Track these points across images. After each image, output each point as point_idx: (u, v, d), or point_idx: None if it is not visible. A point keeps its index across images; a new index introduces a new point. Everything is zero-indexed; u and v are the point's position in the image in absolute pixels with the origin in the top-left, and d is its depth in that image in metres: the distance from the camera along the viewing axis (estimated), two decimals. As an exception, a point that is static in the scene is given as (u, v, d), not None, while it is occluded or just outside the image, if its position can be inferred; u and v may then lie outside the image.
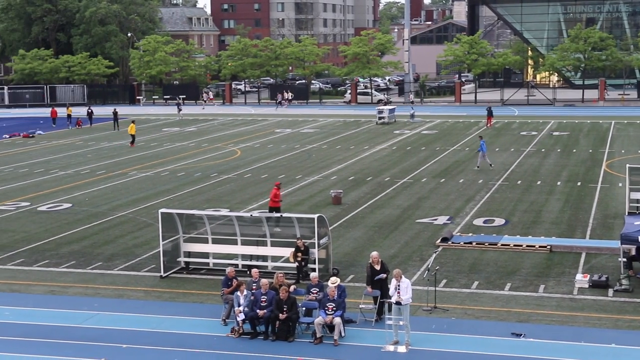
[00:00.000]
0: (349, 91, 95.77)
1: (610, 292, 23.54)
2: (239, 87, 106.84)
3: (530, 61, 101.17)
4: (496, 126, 65.73)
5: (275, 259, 26.45)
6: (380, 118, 70.50)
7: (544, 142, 55.70)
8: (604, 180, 41.01)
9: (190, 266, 26.79)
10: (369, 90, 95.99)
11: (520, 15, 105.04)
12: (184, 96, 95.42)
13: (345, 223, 32.87)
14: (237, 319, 20.81)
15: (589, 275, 24.39)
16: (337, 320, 20.22)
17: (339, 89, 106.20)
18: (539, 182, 40.87)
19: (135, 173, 46.18)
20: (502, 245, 28.61)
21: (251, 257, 26.63)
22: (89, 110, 74.38)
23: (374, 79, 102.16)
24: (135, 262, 27.85)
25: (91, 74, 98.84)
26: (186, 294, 24.39)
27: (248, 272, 23.70)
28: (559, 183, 40.66)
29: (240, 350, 19.96)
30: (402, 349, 19.67)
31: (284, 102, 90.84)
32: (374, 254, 22.15)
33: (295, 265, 25.25)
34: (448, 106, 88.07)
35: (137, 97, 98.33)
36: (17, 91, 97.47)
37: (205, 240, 26.78)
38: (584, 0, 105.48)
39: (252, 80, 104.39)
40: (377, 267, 21.80)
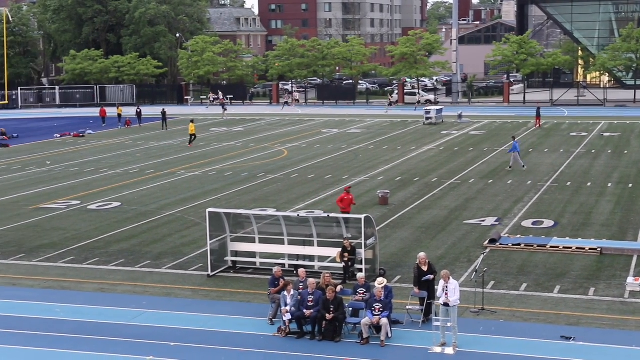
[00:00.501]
0: (395, 91, 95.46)
1: (663, 295, 23.19)
2: (286, 87, 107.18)
3: (580, 61, 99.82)
4: (545, 127, 65.05)
5: (322, 259, 26.46)
6: (427, 118, 70.20)
7: (594, 143, 54.96)
8: (656, 182, 40.44)
9: (237, 265, 26.92)
10: (416, 91, 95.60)
11: (571, 14, 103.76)
12: (231, 96, 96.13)
13: (392, 224, 32.78)
14: (284, 318, 20.85)
15: (640, 279, 24.07)
16: (384, 321, 20.16)
17: (386, 89, 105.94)
18: (589, 184, 40.33)
19: (183, 172, 46.54)
20: (551, 247, 28.28)
21: (298, 257, 26.66)
22: (138, 110, 75.25)
23: (421, 79, 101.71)
24: (183, 261, 28.05)
25: (140, 74, 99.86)
26: (233, 293, 24.51)
27: (295, 272, 23.71)
28: (609, 185, 40.08)
29: (287, 349, 19.99)
30: (449, 350, 19.56)
31: (291, 103, 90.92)
32: (422, 254, 22.06)
33: (342, 265, 25.23)
34: (496, 107, 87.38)
35: (185, 97, 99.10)
36: (68, 91, 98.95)
37: (253, 240, 26.86)
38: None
39: (299, 80, 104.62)
40: (425, 268, 21.71)
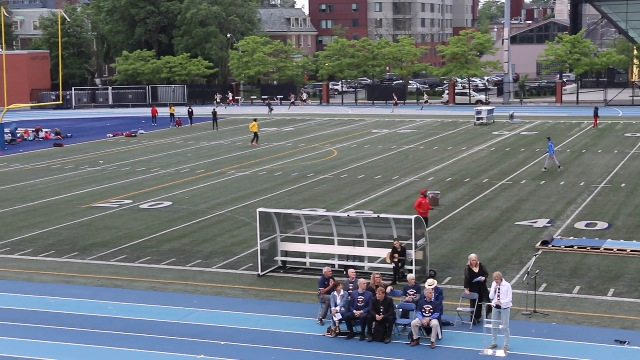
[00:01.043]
0: (446, 92, 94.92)
1: None
2: (336, 87, 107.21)
3: (635, 61, 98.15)
4: (599, 127, 64.14)
5: (372, 259, 26.38)
6: (478, 119, 69.68)
7: (649, 144, 54.11)
8: None
9: (287, 265, 26.96)
10: (468, 91, 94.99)
11: (626, 13, 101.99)
12: (281, 96, 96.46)
13: (443, 225, 32.58)
14: (334, 319, 20.82)
15: (697, 283, 23.59)
16: (435, 322, 20.04)
17: (437, 89, 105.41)
18: (644, 186, 39.70)
19: (234, 173, 46.78)
20: (605, 249, 27.84)
21: (348, 258, 26.63)
22: (190, 110, 75.93)
23: (473, 79, 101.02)
24: (233, 261, 28.18)
25: (191, 74, 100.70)
26: (283, 293, 24.55)
27: (345, 273, 23.68)
28: (665, 186, 39.40)
29: (337, 350, 19.96)
30: (500, 353, 19.36)
31: (298, 103, 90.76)
32: (473, 256, 21.88)
33: (392, 266, 25.13)
34: (549, 107, 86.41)
35: (236, 97, 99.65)
36: (121, 91, 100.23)
37: (303, 240, 26.88)
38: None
39: (349, 80, 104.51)
40: (476, 270, 21.52)
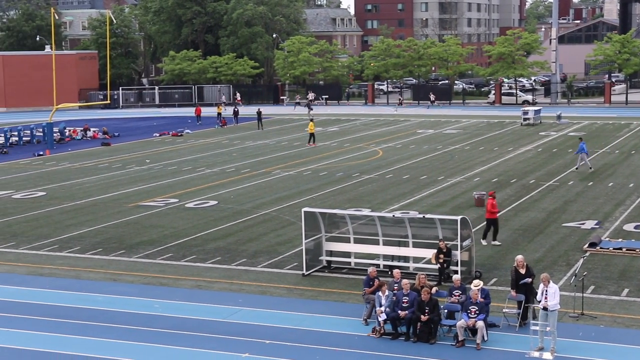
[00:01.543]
0: (492, 92, 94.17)
1: None
2: (381, 87, 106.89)
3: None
4: (648, 128, 63.33)
5: (417, 260, 26.27)
6: (525, 119, 69.06)
7: (700, 145, 53.18)
8: None
9: (332, 265, 26.96)
10: (514, 91, 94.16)
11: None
12: (326, 96, 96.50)
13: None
14: (379, 319, 20.78)
15: None
16: (480, 323, 19.90)
17: (483, 89, 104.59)
18: (694, 187, 39.03)
19: (279, 172, 46.91)
20: (654, 252, 27.46)
21: (393, 258, 26.55)
22: (235, 110, 76.34)
23: (519, 79, 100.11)
24: (278, 260, 28.25)
25: (237, 74, 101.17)
26: (328, 292, 24.56)
27: (389, 273, 23.62)
28: None
29: (381, 350, 19.92)
30: (547, 355, 19.16)
31: (303, 103, 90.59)
32: (519, 257, 21.69)
33: (437, 267, 25.01)
34: (597, 107, 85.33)
35: (281, 97, 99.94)
36: (167, 91, 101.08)
37: (347, 240, 26.87)
38: None
39: (394, 80, 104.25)
40: (522, 271, 21.34)
